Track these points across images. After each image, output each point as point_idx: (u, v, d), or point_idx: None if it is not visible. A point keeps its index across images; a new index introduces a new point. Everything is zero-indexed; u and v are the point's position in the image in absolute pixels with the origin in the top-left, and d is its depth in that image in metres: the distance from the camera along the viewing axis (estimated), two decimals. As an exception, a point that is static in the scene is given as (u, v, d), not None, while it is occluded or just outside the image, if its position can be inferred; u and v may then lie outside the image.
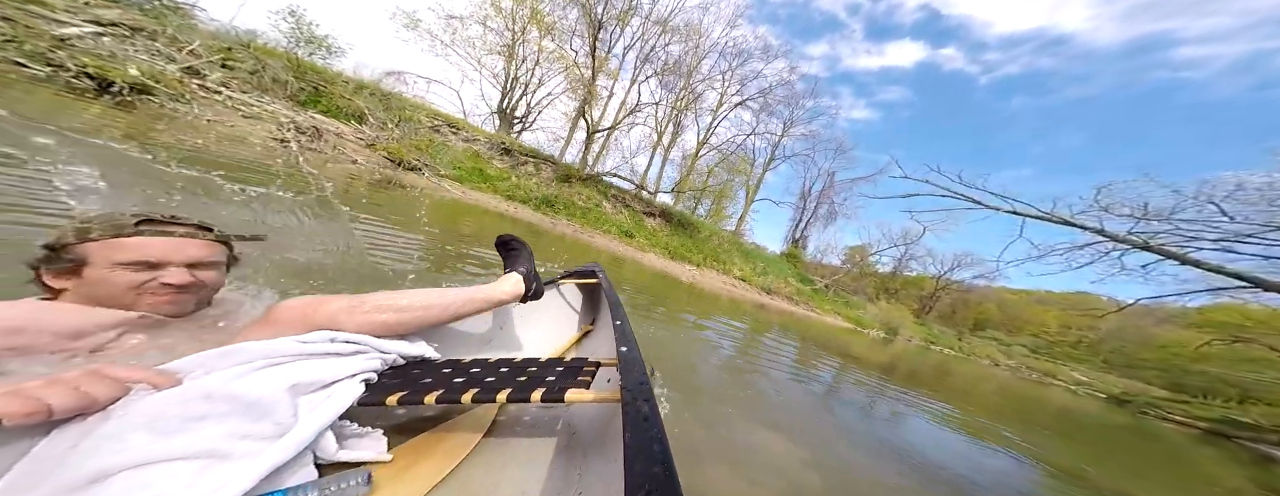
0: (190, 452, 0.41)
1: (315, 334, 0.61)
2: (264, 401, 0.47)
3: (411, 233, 3.45)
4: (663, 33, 20.55)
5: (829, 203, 30.94)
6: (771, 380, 2.79)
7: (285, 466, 0.44)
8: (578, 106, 18.84)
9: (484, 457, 0.63)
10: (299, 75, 8.61)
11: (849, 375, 4.20)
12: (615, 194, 17.94)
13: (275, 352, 0.55)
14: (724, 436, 1.65)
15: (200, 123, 5.82)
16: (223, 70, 7.09)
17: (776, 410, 2.15)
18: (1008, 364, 22.70)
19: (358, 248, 2.22)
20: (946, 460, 1.89)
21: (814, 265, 30.81)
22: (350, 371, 0.58)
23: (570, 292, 1.61)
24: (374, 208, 3.88)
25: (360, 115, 9.48)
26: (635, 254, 14.85)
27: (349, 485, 0.48)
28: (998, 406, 4.53)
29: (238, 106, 6.85)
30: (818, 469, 1.56)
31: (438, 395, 0.57)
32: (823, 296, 23.00)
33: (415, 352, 0.72)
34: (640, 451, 0.38)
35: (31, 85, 4.22)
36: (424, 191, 8.18)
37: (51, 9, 5.31)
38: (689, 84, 23.05)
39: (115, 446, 0.39)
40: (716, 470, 1.43)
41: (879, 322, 21.80)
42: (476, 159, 13.29)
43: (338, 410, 0.52)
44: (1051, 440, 3.19)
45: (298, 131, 7.31)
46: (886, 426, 2.39)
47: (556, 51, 18.87)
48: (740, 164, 29.23)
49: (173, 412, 0.43)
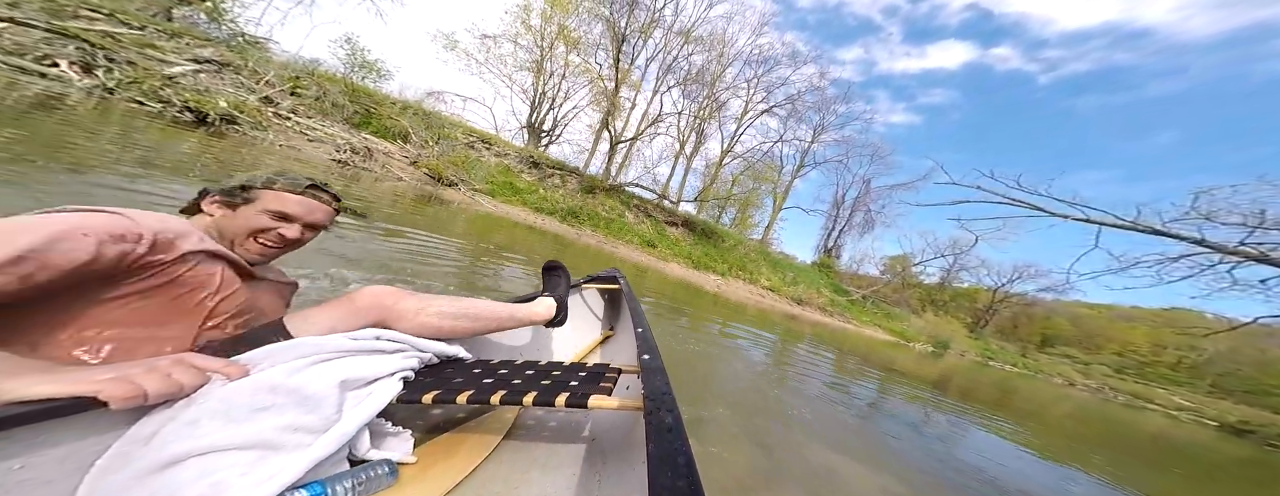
0: (251, 442, 0.44)
1: (364, 331, 0.65)
2: (317, 396, 0.50)
3: (450, 242, 3.66)
4: (685, 43, 20.88)
5: (865, 210, 29.28)
6: (815, 395, 2.63)
7: (325, 459, 0.47)
8: (601, 118, 19.42)
9: (505, 459, 0.65)
10: (353, 99, 9.61)
11: (898, 390, 3.87)
12: (638, 204, 18.09)
13: (328, 348, 0.58)
14: (785, 459, 1.55)
15: (274, 147, 6.64)
16: (292, 97, 8.08)
17: (830, 428, 2.01)
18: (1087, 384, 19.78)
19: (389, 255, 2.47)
20: (1026, 486, 1.69)
21: (849, 275, 28.98)
22: (391, 369, 0.61)
23: (592, 297, 1.63)
24: (416, 219, 4.16)
25: (405, 134, 10.35)
26: (658, 263, 14.78)
27: (376, 474, 0.51)
28: (1076, 431, 3.98)
29: (304, 131, 7.72)
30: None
31: (469, 395, 0.58)
32: (860, 308, 21.51)
33: (450, 352, 0.74)
34: (665, 462, 0.38)
35: (148, 119, 5.00)
36: (461, 206, 8.69)
37: (162, 51, 6.34)
38: (712, 92, 23.08)
39: (192, 431, 0.43)
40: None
41: (926, 335, 19.93)
42: (507, 173, 13.97)
43: (378, 407, 0.54)
44: (1150, 473, 2.72)
45: (353, 151, 8.08)
46: (953, 448, 2.17)
47: (582, 65, 19.79)
48: (767, 171, 28.51)
49: (244, 401, 0.47)
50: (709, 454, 1.42)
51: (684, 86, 22.53)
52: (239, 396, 0.47)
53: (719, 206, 27.78)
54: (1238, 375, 22.27)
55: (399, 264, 2.40)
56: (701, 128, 24.64)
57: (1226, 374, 23.07)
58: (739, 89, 24.43)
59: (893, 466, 1.63)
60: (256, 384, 0.48)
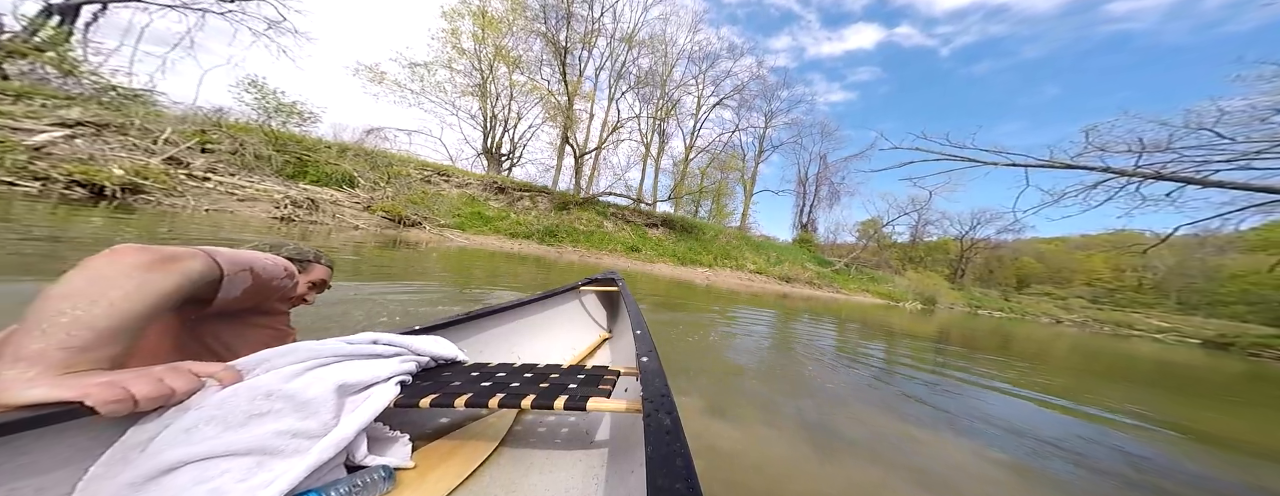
0: (248, 448, 0.43)
1: (361, 335, 0.65)
2: (314, 401, 0.49)
3: (430, 285, 3.25)
4: (630, 48, 20.92)
5: (829, 183, 30.15)
6: (832, 366, 2.64)
7: (322, 465, 0.46)
8: (560, 133, 18.98)
9: (503, 463, 0.64)
10: (279, 147, 8.65)
11: (902, 350, 3.72)
12: (614, 211, 17.80)
13: (324, 352, 0.57)
14: (831, 430, 1.48)
15: (198, 214, 5.70)
16: (205, 155, 7.13)
17: (864, 397, 1.96)
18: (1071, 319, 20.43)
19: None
20: (1058, 435, 1.56)
21: (829, 246, 29.56)
22: (388, 373, 0.60)
23: (590, 300, 1.63)
24: (387, 268, 3.62)
25: (350, 179, 9.59)
26: (645, 267, 14.45)
27: (373, 479, 0.50)
28: (1083, 367, 3.90)
29: (230, 190, 6.91)
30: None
31: (467, 399, 0.58)
32: (845, 276, 21.74)
33: (447, 355, 0.73)
34: (663, 465, 0.37)
35: (29, 202, 4.15)
36: (430, 245, 7.95)
37: (13, 116, 5.25)
38: (665, 92, 23.24)
39: (188, 437, 0.42)
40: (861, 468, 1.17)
41: (913, 293, 20.21)
42: (473, 203, 13.27)
43: (374, 412, 0.53)
44: (1173, 402, 2.56)
45: (295, 205, 7.31)
46: (980, 405, 2.01)
47: (529, 83, 19.08)
48: (731, 161, 28.98)
49: (240, 407, 0.45)
50: (755, 435, 1.33)
51: (637, 90, 22.58)
52: (235, 402, 0.46)
53: (694, 201, 27.85)
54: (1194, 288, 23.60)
55: (389, 318, 2.05)
56: (662, 128, 24.75)
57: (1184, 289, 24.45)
58: (689, 86, 24.73)
59: (938, 435, 1.49)
60: (253, 389, 0.48)
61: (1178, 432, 1.74)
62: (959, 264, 29.77)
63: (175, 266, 0.48)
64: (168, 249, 0.48)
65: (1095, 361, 4.36)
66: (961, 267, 29.66)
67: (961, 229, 29.32)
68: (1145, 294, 27.05)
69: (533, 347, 1.21)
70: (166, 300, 0.47)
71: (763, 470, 1.11)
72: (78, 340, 0.40)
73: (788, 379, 2.15)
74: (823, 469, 1.16)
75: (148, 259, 0.46)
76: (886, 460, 1.19)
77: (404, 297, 2.54)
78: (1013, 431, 1.65)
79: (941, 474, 1.14)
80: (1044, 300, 25.54)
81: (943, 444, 1.37)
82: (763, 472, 1.10)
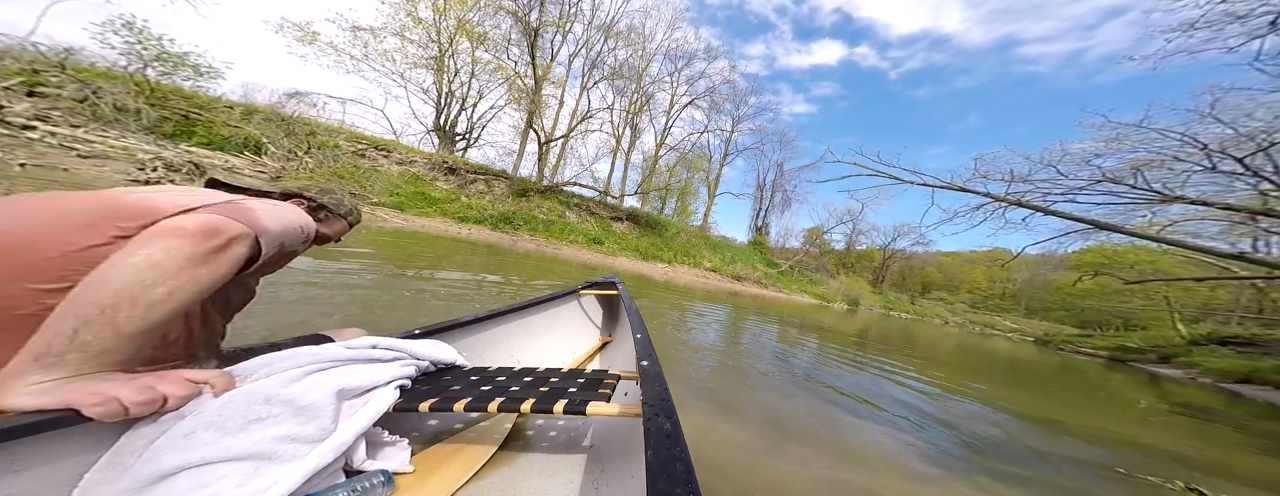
0: (246, 453, 0.42)
1: (360, 340, 0.64)
2: (313, 406, 0.48)
3: (370, 265, 2.91)
4: (607, 38, 20.09)
5: (783, 190, 32.29)
6: (773, 359, 2.88)
7: (321, 470, 0.45)
8: (525, 117, 17.70)
9: (503, 467, 0.63)
10: (156, 101, 6.93)
11: (831, 346, 4.14)
12: (578, 202, 17.19)
13: (323, 357, 0.56)
14: (768, 413, 1.64)
15: (10, 168, 4.43)
16: (32, 99, 5.48)
17: (793, 389, 2.17)
18: (955, 320, 24.49)
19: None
20: (936, 411, 1.98)
21: (778, 249, 31.74)
22: (387, 377, 0.59)
23: (590, 304, 1.62)
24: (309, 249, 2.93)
25: (256, 145, 8.00)
26: (606, 260, 14.18)
27: (372, 484, 0.49)
28: (962, 363, 4.62)
29: (70, 144, 5.35)
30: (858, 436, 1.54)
31: (466, 403, 0.57)
32: (789, 277, 23.58)
33: (446, 359, 0.71)
34: (663, 469, 0.37)
35: None
36: (362, 224, 7.15)
37: None
38: (640, 86, 22.87)
39: (186, 443, 0.41)
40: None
41: (841, 295, 22.72)
42: (417, 182, 11.87)
43: (373, 416, 0.52)
44: (1015, 390, 3.29)
45: (168, 169, 5.89)
46: (889, 392, 2.42)
47: (494, 62, 17.28)
48: (698, 161, 29.64)
49: (239, 413, 0.45)
50: (706, 425, 1.38)
51: (611, 81, 21.91)
52: (233, 407, 0.45)
53: (660, 197, 28.07)
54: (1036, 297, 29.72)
55: (320, 307, 1.79)
56: (634, 122, 24.42)
57: (1031, 298, 30.65)
58: (664, 82, 24.64)
59: (855, 416, 1.78)
60: (251, 394, 0.47)
61: (1007, 410, 2.37)
62: (880, 271, 33.82)
63: (226, 255, 0.45)
64: (217, 224, 0.44)
65: (968, 356, 5.31)
66: (882, 274, 33.76)
67: (885, 239, 33.32)
68: (1006, 301, 33.27)
69: (532, 351, 1.21)
70: (206, 294, 0.44)
71: (702, 439, 1.17)
72: (101, 344, 0.38)
73: (732, 367, 2.31)
74: (759, 442, 1.30)
75: (205, 249, 0.43)
76: (814, 437, 1.38)
77: (338, 281, 2.19)
78: (908, 409, 2.06)
79: (858, 446, 1.38)
80: (939, 304, 30.21)
81: (859, 423, 1.64)
82: (703, 442, 1.16)
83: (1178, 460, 1.81)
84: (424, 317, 1.99)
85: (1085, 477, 1.32)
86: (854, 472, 1.14)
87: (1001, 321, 25.42)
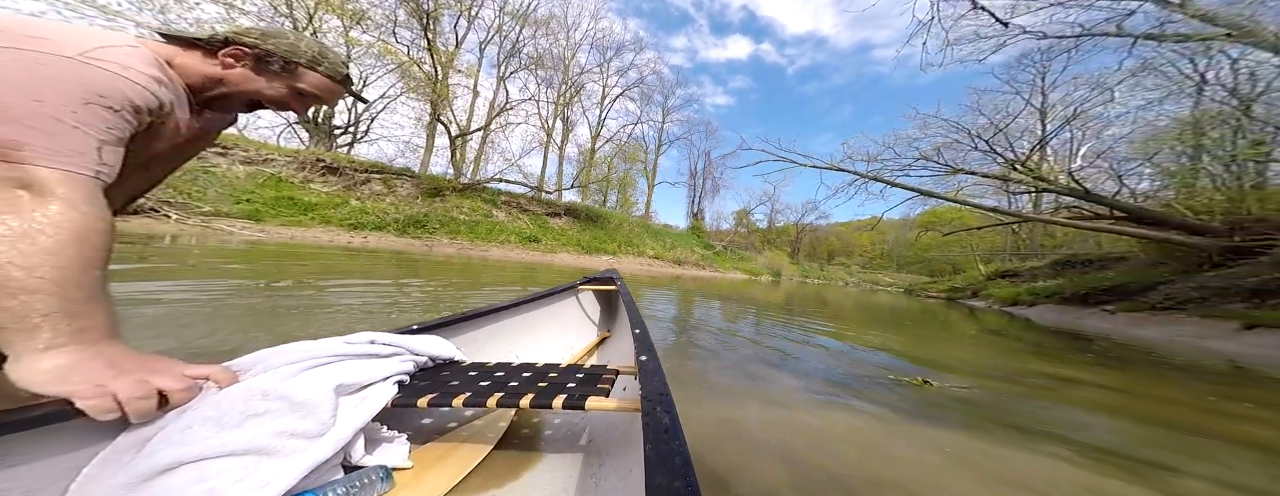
0: (244, 448, 0.42)
1: (358, 335, 0.63)
2: (311, 401, 0.47)
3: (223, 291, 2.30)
4: (523, 26, 18.44)
5: (712, 177, 34.70)
6: (717, 329, 3.22)
7: (320, 465, 0.45)
8: (430, 109, 15.47)
9: (501, 462, 0.63)
10: None
11: (753, 312, 4.70)
12: (508, 200, 16.05)
13: (321, 352, 0.55)
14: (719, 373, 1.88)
15: None
16: None
17: (737, 351, 2.47)
18: (851, 281, 29.84)
19: None
20: (846, 364, 2.36)
21: (713, 232, 34.29)
22: (386, 373, 0.58)
23: (588, 299, 1.62)
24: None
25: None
26: (545, 258, 13.65)
27: (371, 480, 0.49)
28: (859, 317, 5.65)
29: None
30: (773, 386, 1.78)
31: (465, 398, 0.56)
32: (723, 257, 25.73)
33: (445, 354, 0.71)
34: (662, 463, 0.37)
35: None
36: (194, 239, 5.61)
37: None
38: (568, 77, 21.74)
39: (183, 438, 0.41)
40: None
41: (766, 269, 25.83)
42: (279, 185, 9.70)
43: (373, 411, 0.52)
44: (895, 332, 4.16)
45: None
46: (809, 344, 2.93)
47: (379, 46, 14.55)
48: (634, 152, 29.84)
49: (237, 408, 0.44)
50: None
51: (532, 71, 20.37)
52: (231, 402, 0.45)
53: (601, 191, 27.71)
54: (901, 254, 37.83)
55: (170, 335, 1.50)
56: (566, 114, 23.27)
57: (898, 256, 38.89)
58: (593, 73, 23.87)
59: (777, 370, 2.06)
60: (249, 390, 0.46)
61: (880, 348, 3.04)
62: (795, 244, 39.12)
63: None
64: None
65: (863, 311, 6.59)
66: (797, 247, 39.09)
67: (796, 216, 38.37)
68: (884, 260, 41.60)
69: (531, 347, 1.20)
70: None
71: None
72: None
73: (678, 343, 2.50)
74: (698, 395, 1.47)
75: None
76: (742, 391, 1.58)
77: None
78: (823, 354, 2.52)
79: (779, 394, 1.60)
80: (840, 268, 36.44)
81: (780, 374, 1.90)
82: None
83: (955, 366, 2.44)
84: (330, 329, 1.69)
85: (877, 385, 1.81)
86: (758, 409, 1.39)
87: (882, 277, 31.70)
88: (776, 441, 1.13)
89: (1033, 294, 9.56)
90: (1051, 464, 1.14)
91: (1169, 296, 5.92)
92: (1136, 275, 7.40)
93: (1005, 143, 10.18)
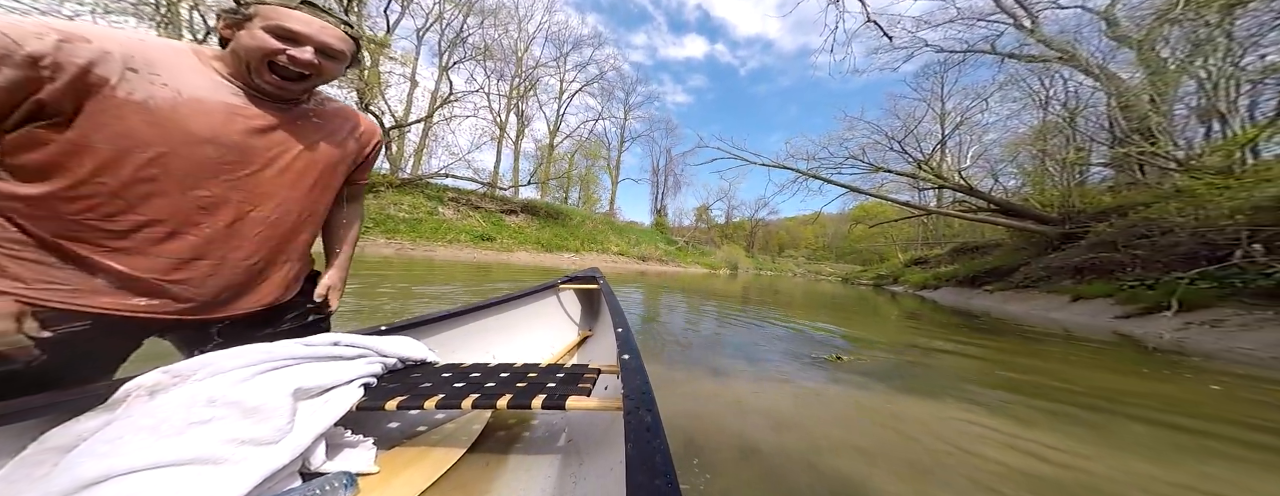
0: (188, 458, 0.39)
1: (321, 336, 0.60)
2: (266, 406, 0.45)
3: None
4: (465, 14, 17.00)
5: (673, 174, 35.51)
6: (684, 323, 3.51)
7: (274, 473, 0.42)
8: (356, 98, 13.59)
9: (476, 465, 0.61)
10: None
11: (714, 304, 5.02)
12: (456, 196, 14.93)
13: (278, 354, 0.52)
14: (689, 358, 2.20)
15: None
16: None
17: (705, 340, 2.78)
18: (799, 272, 32.63)
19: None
20: (792, 340, 2.83)
21: (676, 228, 35.32)
22: (351, 376, 0.56)
23: (568, 298, 1.60)
24: None
25: None
26: (500, 257, 12.96)
27: (332, 487, 0.46)
28: (807, 304, 6.28)
29: None
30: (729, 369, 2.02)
31: (438, 400, 0.54)
32: (685, 252, 26.54)
33: (416, 356, 0.69)
34: (642, 462, 0.36)
35: None
36: None
37: None
38: (521, 70, 20.56)
39: (113, 449, 0.38)
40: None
41: (725, 263, 27.21)
42: None
43: (334, 416, 0.50)
44: (836, 315, 4.83)
45: None
46: (760, 330, 3.31)
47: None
48: (596, 148, 29.33)
49: (177, 416, 0.42)
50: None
51: (480, 62, 18.95)
52: (169, 409, 0.41)
53: (562, 187, 26.86)
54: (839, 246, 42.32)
55: None
56: (520, 108, 22.04)
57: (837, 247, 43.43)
58: (550, 67, 22.87)
59: (743, 350, 2.40)
60: (191, 397, 0.43)
61: (821, 327, 3.54)
62: (750, 238, 41.82)
63: None
64: None
65: (809, 298, 7.32)
66: (752, 240, 41.78)
67: (751, 211, 40.93)
68: (825, 252, 46.13)
69: (509, 347, 1.17)
70: None
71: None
72: None
73: (643, 333, 2.70)
74: (677, 375, 1.66)
75: None
76: (721, 370, 1.81)
77: None
78: (779, 336, 2.93)
79: (723, 370, 1.86)
80: (789, 260, 39.72)
81: (720, 357, 2.17)
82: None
83: (874, 343, 2.90)
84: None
85: (801, 361, 2.14)
86: (719, 384, 1.64)
87: (825, 268, 35.09)
88: (705, 410, 1.32)
89: (937, 278, 11.28)
90: (932, 406, 1.57)
91: (1027, 276, 7.35)
92: (1006, 258, 9.10)
93: (914, 144, 11.76)
